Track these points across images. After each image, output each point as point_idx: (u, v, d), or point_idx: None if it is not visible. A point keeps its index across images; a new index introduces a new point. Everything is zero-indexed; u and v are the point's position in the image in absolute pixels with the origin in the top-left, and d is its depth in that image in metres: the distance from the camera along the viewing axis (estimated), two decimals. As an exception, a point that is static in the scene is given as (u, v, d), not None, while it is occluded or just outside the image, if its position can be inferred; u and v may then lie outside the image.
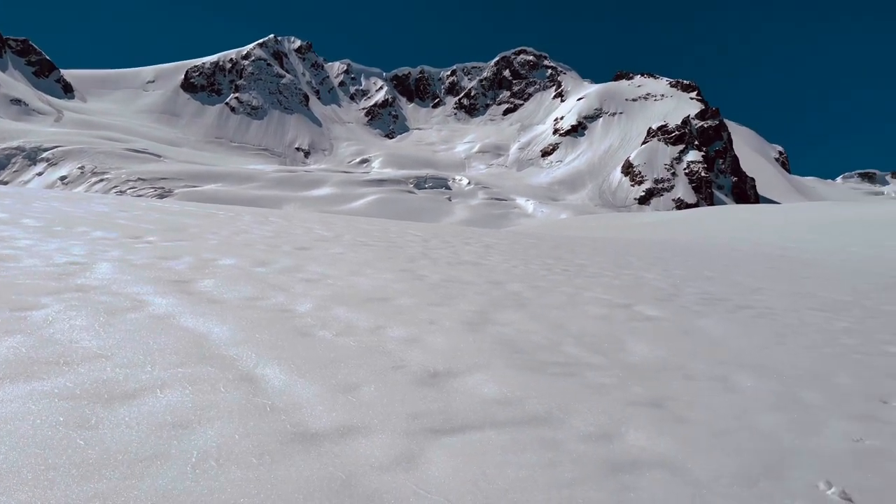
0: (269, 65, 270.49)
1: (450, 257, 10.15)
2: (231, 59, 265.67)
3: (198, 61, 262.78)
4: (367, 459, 2.44)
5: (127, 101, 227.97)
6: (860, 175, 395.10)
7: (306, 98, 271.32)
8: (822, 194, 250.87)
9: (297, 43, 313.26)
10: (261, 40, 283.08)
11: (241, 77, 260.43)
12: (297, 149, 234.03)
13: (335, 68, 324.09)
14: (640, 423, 3.15)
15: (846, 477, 2.73)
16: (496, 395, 3.36)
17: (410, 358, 3.85)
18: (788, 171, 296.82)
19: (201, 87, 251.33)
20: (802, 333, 6.13)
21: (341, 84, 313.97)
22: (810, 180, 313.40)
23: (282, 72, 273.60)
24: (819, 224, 42.50)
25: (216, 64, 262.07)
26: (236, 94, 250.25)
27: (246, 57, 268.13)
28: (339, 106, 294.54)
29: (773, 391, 3.93)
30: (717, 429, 3.19)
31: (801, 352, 5.23)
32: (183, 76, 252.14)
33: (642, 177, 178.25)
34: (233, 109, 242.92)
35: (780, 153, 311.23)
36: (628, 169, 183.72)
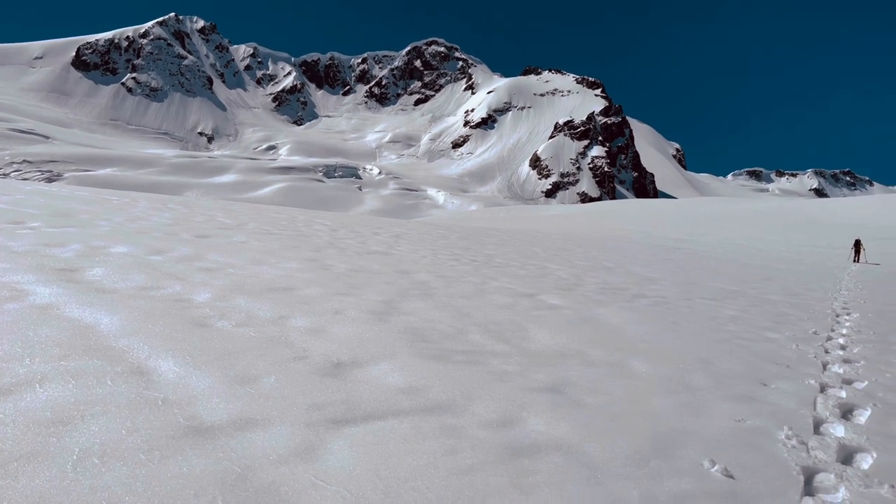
0: (169, 45, 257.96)
1: (358, 247, 10.05)
2: (128, 37, 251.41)
3: (91, 37, 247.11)
4: (264, 452, 2.37)
5: (11, 78, 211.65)
6: (748, 173, 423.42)
7: (210, 81, 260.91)
8: (714, 190, 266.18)
9: (201, 23, 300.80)
10: (160, 18, 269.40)
11: (138, 56, 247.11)
12: (200, 133, 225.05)
13: (241, 51, 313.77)
14: (540, 409, 3.22)
15: (729, 455, 2.89)
16: (400, 384, 3.35)
17: (314, 348, 3.78)
18: (684, 167, 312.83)
19: (94, 65, 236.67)
20: (693, 321, 6.48)
21: (247, 68, 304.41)
22: (704, 177, 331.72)
23: (184, 52, 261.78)
24: (710, 219, 45.04)
25: (111, 41, 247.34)
26: (133, 75, 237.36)
27: (144, 35, 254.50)
28: (245, 90, 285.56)
29: (666, 376, 4.13)
30: (613, 412, 3.31)
31: (692, 338, 5.52)
32: (74, 53, 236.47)
33: (549, 170, 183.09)
34: (130, 90, 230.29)
35: (678, 150, 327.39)
36: (536, 162, 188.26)
